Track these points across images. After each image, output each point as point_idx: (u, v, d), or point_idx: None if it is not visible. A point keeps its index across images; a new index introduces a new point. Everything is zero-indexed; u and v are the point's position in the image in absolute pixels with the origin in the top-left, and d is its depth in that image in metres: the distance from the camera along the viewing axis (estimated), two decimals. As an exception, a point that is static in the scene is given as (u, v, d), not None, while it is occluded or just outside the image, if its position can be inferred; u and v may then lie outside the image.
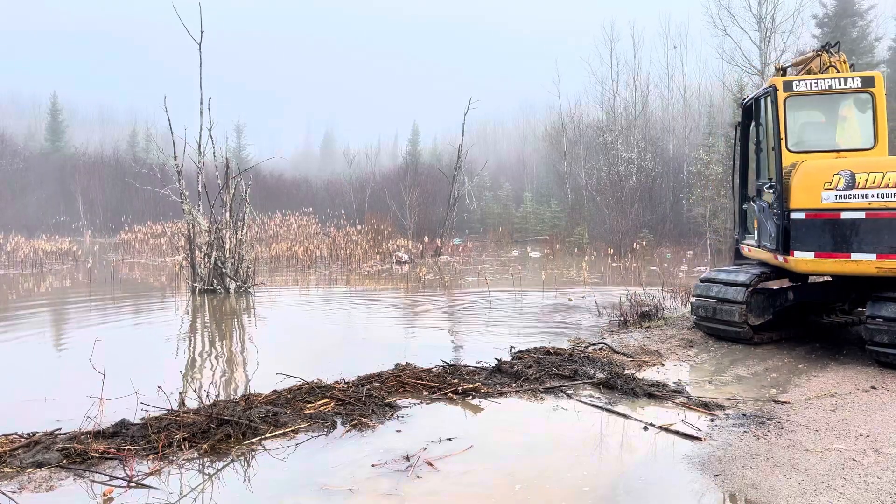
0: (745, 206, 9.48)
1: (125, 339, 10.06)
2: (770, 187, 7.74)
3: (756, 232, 8.66)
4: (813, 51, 9.19)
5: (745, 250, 9.36)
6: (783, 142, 7.73)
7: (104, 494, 4.15)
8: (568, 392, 6.30)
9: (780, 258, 7.60)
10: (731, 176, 10.05)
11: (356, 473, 4.44)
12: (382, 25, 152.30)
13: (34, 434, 5.05)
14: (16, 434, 5.06)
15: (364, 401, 5.83)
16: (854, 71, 8.73)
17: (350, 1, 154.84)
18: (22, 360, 8.72)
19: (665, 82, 39.67)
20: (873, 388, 6.27)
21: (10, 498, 4.09)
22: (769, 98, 8.04)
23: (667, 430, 5.23)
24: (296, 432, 5.20)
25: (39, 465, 4.52)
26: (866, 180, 6.90)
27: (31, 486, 4.26)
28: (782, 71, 9.44)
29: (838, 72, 8.60)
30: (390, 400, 5.96)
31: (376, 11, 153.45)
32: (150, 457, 4.67)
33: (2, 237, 27.91)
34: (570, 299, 13.44)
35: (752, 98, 9.00)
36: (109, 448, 4.74)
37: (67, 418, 5.36)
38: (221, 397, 6.47)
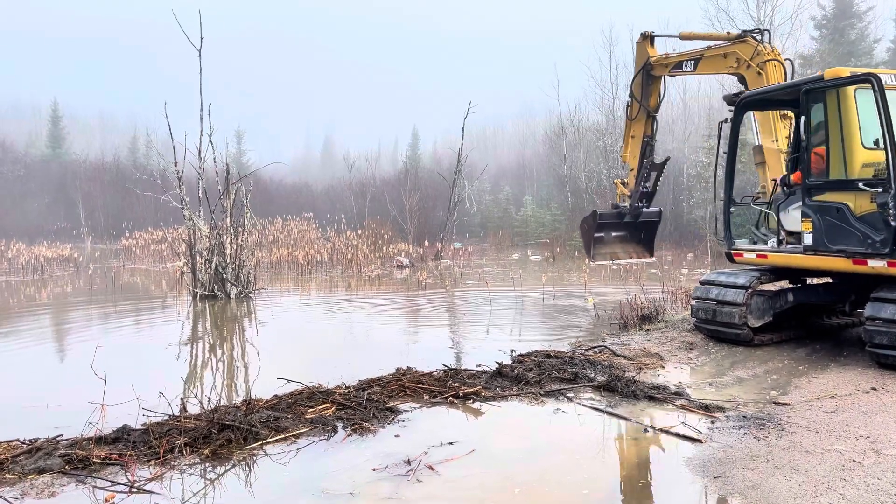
0: (732, 210, 9.07)
1: (126, 344, 10.08)
2: (873, 185, 6.89)
3: (809, 236, 7.71)
4: (729, 33, 8.21)
5: (743, 256, 8.86)
6: (888, 138, 6.68)
7: (106, 500, 4.16)
8: (569, 395, 6.31)
9: (884, 263, 6.84)
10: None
11: (357, 478, 4.45)
12: (382, 30, 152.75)
13: (36, 440, 5.07)
14: (18, 440, 5.08)
15: (365, 405, 5.84)
16: (790, 65, 8.15)
17: (351, 5, 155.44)
18: (23, 367, 8.74)
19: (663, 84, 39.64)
20: (873, 389, 6.27)
21: (12, 504, 4.10)
22: (855, 90, 7.06)
23: (667, 432, 5.25)
24: (297, 437, 5.21)
25: (41, 471, 4.53)
26: None
27: (33, 492, 4.28)
28: (650, 39, 8.71)
29: (782, 65, 7.99)
30: (391, 404, 5.98)
31: (376, 16, 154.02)
32: (152, 462, 4.68)
33: (3, 244, 27.92)
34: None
35: (789, 86, 7.92)
36: (111, 454, 4.75)
37: (69, 424, 5.37)
38: (223, 402, 6.49)
